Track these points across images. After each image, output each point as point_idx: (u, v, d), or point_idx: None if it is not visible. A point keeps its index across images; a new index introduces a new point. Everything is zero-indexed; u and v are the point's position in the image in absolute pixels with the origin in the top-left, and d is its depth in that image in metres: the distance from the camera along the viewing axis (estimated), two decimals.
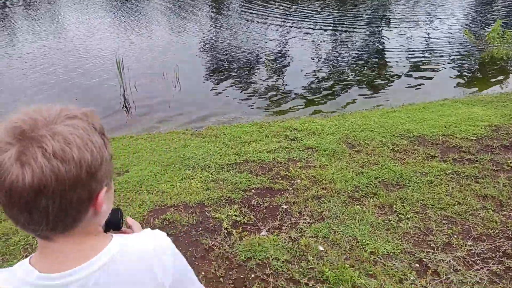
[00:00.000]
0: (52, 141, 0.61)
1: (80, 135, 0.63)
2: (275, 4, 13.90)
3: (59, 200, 0.62)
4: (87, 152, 0.63)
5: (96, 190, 0.67)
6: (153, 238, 0.79)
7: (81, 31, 10.60)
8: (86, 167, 0.63)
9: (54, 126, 0.62)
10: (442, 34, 9.57)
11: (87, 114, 0.68)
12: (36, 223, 0.64)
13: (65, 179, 0.61)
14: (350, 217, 2.86)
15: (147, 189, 3.34)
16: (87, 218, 0.69)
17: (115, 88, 6.49)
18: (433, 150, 3.85)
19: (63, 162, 0.61)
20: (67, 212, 0.65)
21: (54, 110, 0.65)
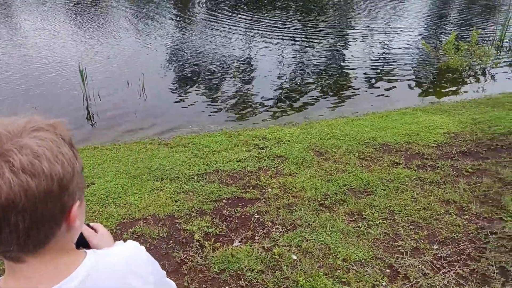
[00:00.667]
0: (20, 155, 0.58)
1: (49, 147, 0.61)
2: (239, 14, 14.00)
3: (30, 216, 0.59)
4: (57, 164, 0.61)
5: (69, 203, 0.65)
6: (127, 250, 0.78)
7: (41, 38, 10.18)
8: (57, 180, 0.61)
9: (20, 139, 0.60)
10: (402, 45, 9.98)
11: (54, 125, 0.65)
12: (5, 243, 0.60)
13: (36, 194, 0.58)
14: (322, 225, 2.90)
15: (114, 201, 3.23)
16: (60, 234, 0.66)
17: (77, 97, 6.27)
18: (398, 157, 3.98)
19: (32, 176, 0.58)
20: (39, 228, 0.61)
21: (18, 123, 0.62)
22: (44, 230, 0.63)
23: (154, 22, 12.36)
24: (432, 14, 15.02)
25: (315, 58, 8.94)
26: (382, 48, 9.73)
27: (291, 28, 11.93)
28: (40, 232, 0.62)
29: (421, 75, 7.89)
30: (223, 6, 15.60)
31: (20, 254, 0.63)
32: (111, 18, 12.85)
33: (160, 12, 13.96)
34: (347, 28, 12.37)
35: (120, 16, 13.16)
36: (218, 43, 9.90)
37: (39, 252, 0.65)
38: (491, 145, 4.16)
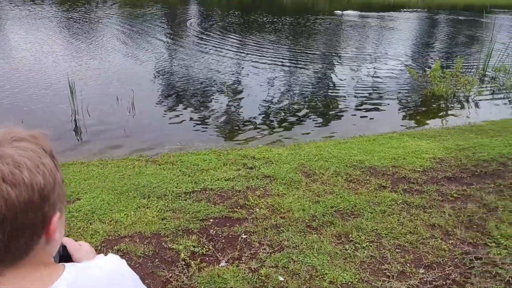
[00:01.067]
0: (0, 165, 0.58)
1: (30, 157, 0.61)
2: (230, 35, 14.21)
3: (10, 226, 0.59)
4: (38, 174, 0.61)
5: (49, 214, 0.64)
6: (108, 264, 0.76)
7: (32, 52, 10.15)
8: (38, 190, 0.61)
9: (0, 149, 0.59)
10: (389, 71, 10.23)
11: (35, 136, 0.65)
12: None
13: (16, 204, 0.58)
14: (309, 246, 2.89)
15: (99, 218, 3.18)
16: (39, 247, 0.66)
17: (66, 112, 6.22)
18: (384, 181, 4.03)
19: (12, 186, 0.58)
20: (19, 239, 0.61)
21: (2, 133, 0.62)
22: (23, 241, 0.62)
23: (145, 40, 12.46)
24: (419, 42, 15.48)
25: (303, 81, 9.08)
26: (370, 74, 9.95)
27: (281, 51, 12.13)
28: (19, 243, 0.62)
29: (408, 101, 8.07)
30: (214, 27, 15.84)
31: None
32: (103, 35, 12.91)
33: (151, 30, 14.09)
34: (336, 53, 12.65)
35: (112, 33, 13.24)
36: (209, 63, 10.00)
37: (17, 264, 0.64)
38: (476, 171, 4.25)
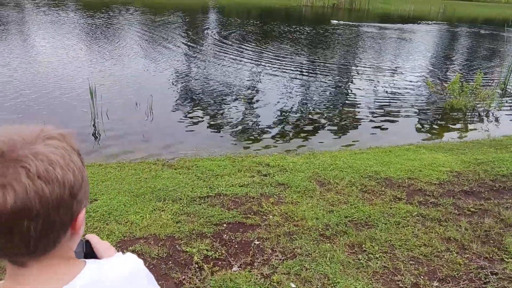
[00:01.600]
0: (36, 161, 0.60)
1: (61, 155, 0.63)
2: (248, 44, 14.35)
3: (42, 222, 0.61)
4: (69, 172, 0.63)
5: (77, 211, 0.67)
6: (126, 262, 0.79)
7: (53, 56, 10.45)
8: (69, 187, 0.63)
9: (35, 147, 0.61)
10: (406, 83, 10.16)
11: (64, 135, 0.67)
12: (15, 247, 0.62)
13: (49, 200, 0.60)
14: (322, 255, 2.89)
15: (115, 219, 3.24)
16: (64, 241, 0.68)
17: (86, 114, 6.38)
18: (400, 192, 3.99)
19: (47, 182, 0.60)
20: (49, 234, 0.63)
21: (32, 131, 0.64)
22: (52, 236, 0.65)
23: (165, 47, 12.68)
24: (438, 55, 15.35)
25: (320, 91, 9.09)
26: (387, 85, 9.90)
27: (298, 60, 12.19)
28: (49, 238, 0.64)
29: (425, 113, 7.99)
30: (232, 36, 16.02)
31: (26, 258, 0.65)
32: (124, 41, 13.20)
33: (171, 38, 14.34)
34: (354, 63, 12.64)
35: (132, 39, 13.52)
36: (226, 71, 10.12)
37: (43, 257, 0.66)
38: (494, 186, 4.18)
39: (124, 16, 19.43)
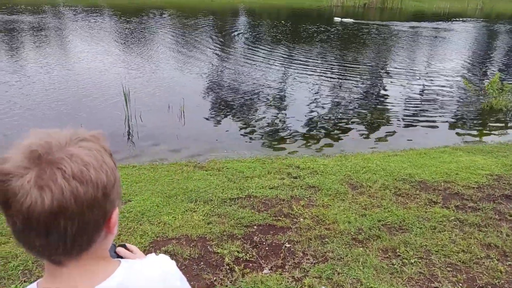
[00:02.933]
0: (71, 163, 0.62)
1: (94, 156, 0.65)
2: (278, 46, 14.34)
3: (77, 221, 0.63)
4: (102, 173, 0.65)
5: (110, 210, 0.69)
6: (159, 263, 0.81)
7: (89, 60, 10.83)
8: (102, 187, 0.65)
9: (69, 149, 0.64)
10: (442, 82, 9.84)
11: (96, 136, 0.69)
12: (52, 247, 0.64)
13: (84, 200, 0.62)
14: (354, 259, 2.84)
15: (149, 219, 3.31)
16: (100, 240, 0.70)
17: (120, 117, 6.56)
18: (435, 196, 3.86)
19: (81, 183, 0.62)
20: (84, 233, 0.65)
21: (65, 133, 0.67)
22: (87, 236, 0.67)
23: (196, 50, 12.87)
24: (476, 53, 14.78)
25: (351, 92, 8.95)
26: (422, 85, 9.62)
27: (328, 61, 12.06)
28: (84, 237, 0.66)
29: (462, 114, 7.71)
30: (262, 38, 16.06)
31: (63, 258, 0.67)
32: (156, 45, 13.51)
33: (202, 41, 14.53)
34: (386, 63, 12.37)
35: (165, 44, 13.81)
36: (256, 73, 10.14)
37: (80, 256, 0.68)
38: None
39: (157, 20, 19.88)
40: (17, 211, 0.60)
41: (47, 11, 21.91)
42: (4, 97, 7.50)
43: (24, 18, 18.55)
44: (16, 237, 0.65)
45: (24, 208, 0.60)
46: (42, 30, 15.68)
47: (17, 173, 0.61)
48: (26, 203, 0.60)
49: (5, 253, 2.74)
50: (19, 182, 0.60)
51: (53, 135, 0.65)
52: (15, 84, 8.32)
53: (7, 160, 0.62)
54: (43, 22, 17.66)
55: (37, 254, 0.66)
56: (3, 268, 2.60)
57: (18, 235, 0.64)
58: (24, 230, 0.62)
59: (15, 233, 0.64)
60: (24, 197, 0.59)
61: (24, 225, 0.61)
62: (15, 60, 10.67)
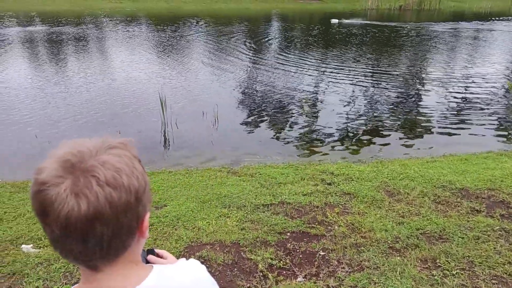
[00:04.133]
0: (104, 170, 0.64)
1: (125, 162, 0.67)
2: (311, 50, 14.25)
3: (112, 226, 0.65)
4: (133, 178, 0.67)
5: (142, 214, 0.71)
6: (191, 268, 0.82)
7: (127, 69, 11.21)
8: (134, 192, 0.66)
9: (101, 156, 0.66)
10: (483, 85, 9.43)
11: (125, 143, 0.71)
12: (90, 252, 0.66)
13: (118, 205, 0.64)
14: (391, 268, 2.75)
15: (184, 224, 3.35)
16: (133, 244, 0.72)
17: (157, 124, 6.73)
18: (478, 204, 3.69)
19: (115, 189, 0.64)
20: (119, 238, 0.67)
21: (95, 142, 0.69)
22: (122, 240, 0.69)
23: (229, 57, 13.02)
24: None
25: (387, 95, 8.74)
26: (463, 88, 9.26)
27: (363, 65, 11.86)
28: (119, 241, 0.68)
29: (506, 118, 7.34)
30: (295, 43, 16.03)
31: (99, 262, 0.69)
32: (191, 52, 13.79)
33: (236, 48, 14.69)
34: (423, 66, 12.00)
35: (199, 51, 14.07)
36: (289, 79, 10.12)
37: (114, 261, 0.70)
38: None
39: (192, 28, 20.31)
40: (55, 219, 0.63)
41: (88, 22, 22.89)
42: (49, 106, 7.88)
43: (67, 29, 19.46)
44: (54, 244, 0.67)
45: (62, 216, 0.62)
46: (84, 41, 16.40)
47: (53, 182, 0.63)
48: (64, 211, 0.62)
49: (48, 256, 2.86)
50: (56, 191, 0.62)
51: (84, 144, 0.68)
52: (59, 95, 8.73)
53: (43, 171, 0.64)
54: (84, 33, 18.46)
55: (74, 260, 0.69)
56: (46, 270, 2.71)
57: (56, 243, 0.67)
58: (62, 237, 0.64)
59: (53, 240, 0.66)
60: (61, 205, 0.62)
61: (62, 232, 0.64)
62: (59, 71, 11.21)
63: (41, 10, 29.41)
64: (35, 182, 0.64)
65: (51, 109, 7.61)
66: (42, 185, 0.63)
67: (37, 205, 0.64)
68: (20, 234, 3.22)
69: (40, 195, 0.63)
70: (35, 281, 2.61)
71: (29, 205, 3.75)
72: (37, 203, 0.64)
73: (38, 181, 0.64)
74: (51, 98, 8.34)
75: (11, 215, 3.56)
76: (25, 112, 7.46)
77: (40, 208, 0.64)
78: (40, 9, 29.54)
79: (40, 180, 0.64)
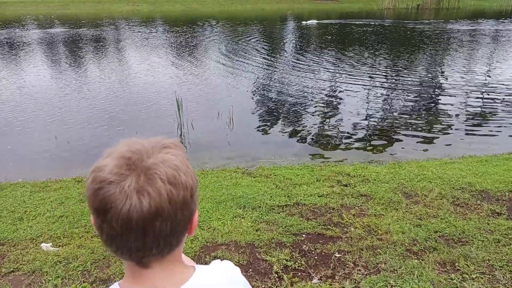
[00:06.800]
0: (164, 168, 0.66)
1: (181, 161, 0.69)
2: (326, 51, 14.17)
3: (171, 221, 0.67)
4: (189, 176, 0.69)
5: (194, 211, 0.73)
6: (228, 269, 0.84)
7: (144, 70, 11.35)
8: (190, 189, 0.69)
9: (159, 155, 0.68)
10: (504, 85, 9.20)
11: (176, 144, 0.73)
12: (147, 249, 0.68)
13: (177, 202, 0.66)
14: (408, 271, 2.70)
15: (199, 225, 3.37)
16: (183, 242, 0.74)
17: (173, 124, 6.79)
18: (499, 207, 3.60)
19: (174, 186, 0.66)
20: (174, 233, 0.69)
21: (151, 141, 0.71)
22: (177, 236, 0.70)
23: (244, 57, 13.05)
24: None
25: (403, 96, 8.62)
26: (482, 87, 9.06)
27: (379, 65, 11.72)
28: (174, 237, 0.70)
29: None
30: (310, 43, 15.95)
31: (152, 259, 0.70)
32: (206, 54, 13.87)
33: (250, 49, 14.71)
34: (441, 65, 11.80)
35: (214, 52, 14.14)
36: (303, 79, 10.08)
37: (165, 258, 0.72)
38: None
39: (207, 29, 20.44)
40: (116, 216, 0.64)
41: (106, 24, 23.27)
42: (67, 107, 8.04)
43: (86, 32, 19.82)
44: (110, 241, 0.68)
45: (124, 212, 0.63)
46: (102, 43, 16.67)
47: (115, 179, 0.64)
48: (126, 208, 0.63)
49: (67, 254, 2.91)
50: (118, 188, 0.63)
51: (141, 143, 0.70)
52: (76, 96, 8.89)
53: (103, 168, 0.66)
54: (102, 35, 18.77)
55: (128, 257, 0.70)
56: (65, 269, 2.76)
57: (113, 240, 0.67)
58: (122, 234, 0.65)
59: (110, 237, 0.67)
60: (123, 202, 0.63)
61: (122, 229, 0.65)
62: (77, 73, 11.43)
63: (60, 13, 30.04)
64: (95, 179, 0.65)
65: (69, 111, 7.76)
66: (103, 183, 0.64)
67: (98, 202, 0.65)
68: (40, 233, 3.29)
69: (101, 192, 0.64)
70: (54, 279, 2.66)
71: (49, 204, 3.84)
72: (97, 200, 0.65)
73: (99, 179, 0.65)
74: (69, 100, 8.50)
75: (31, 214, 3.64)
76: (44, 113, 7.63)
77: (101, 205, 0.65)
78: (59, 13, 30.18)
79: (102, 177, 0.65)
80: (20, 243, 3.14)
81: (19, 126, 6.96)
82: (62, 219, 3.52)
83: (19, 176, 4.86)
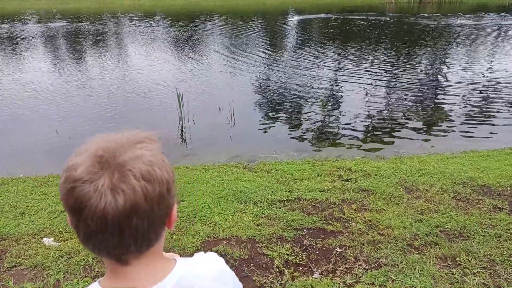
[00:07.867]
0: (138, 164, 0.64)
1: (156, 156, 0.68)
2: (327, 46, 14.11)
3: (148, 217, 0.66)
4: (164, 170, 0.68)
5: (172, 204, 0.72)
6: (213, 260, 0.83)
7: (145, 65, 11.32)
8: (166, 184, 0.67)
9: (133, 151, 0.66)
10: (506, 79, 9.16)
11: (151, 138, 0.72)
12: (124, 245, 0.67)
13: (153, 198, 0.65)
14: (409, 266, 2.70)
15: (200, 219, 3.38)
16: (162, 237, 0.73)
17: (174, 120, 6.78)
18: (501, 202, 3.59)
19: (149, 182, 0.64)
20: (152, 229, 0.68)
21: (124, 137, 0.69)
22: (155, 231, 0.69)
23: (246, 52, 13.00)
24: None
25: (406, 91, 8.59)
26: (484, 81, 9.02)
27: (381, 59, 11.67)
28: (152, 233, 0.69)
29: None
30: (312, 37, 15.87)
31: (131, 256, 0.69)
32: (207, 49, 13.82)
33: (251, 43, 14.66)
34: (443, 60, 11.74)
35: (215, 47, 14.10)
36: (305, 74, 10.05)
37: (143, 254, 0.70)
38: None
39: (209, 24, 20.36)
40: (91, 214, 0.63)
41: (107, 18, 23.19)
42: (68, 102, 8.03)
43: (87, 26, 19.77)
44: (87, 240, 0.67)
45: (99, 210, 0.62)
46: (103, 37, 16.62)
47: (89, 178, 0.63)
48: (101, 206, 0.62)
49: (68, 249, 2.92)
50: (92, 187, 0.62)
51: (113, 139, 0.68)
52: (77, 91, 8.88)
53: (76, 167, 0.64)
54: (103, 29, 18.72)
55: (106, 255, 0.69)
56: (67, 263, 2.78)
57: (89, 238, 0.66)
58: (98, 232, 0.65)
59: (86, 236, 0.66)
60: (98, 200, 0.62)
61: (98, 228, 0.64)
62: (78, 68, 11.42)
63: (61, 8, 29.95)
64: (68, 178, 0.64)
65: (70, 106, 7.76)
66: (77, 182, 0.63)
67: (72, 202, 0.64)
68: (42, 227, 3.31)
69: (75, 191, 0.63)
70: (56, 273, 2.68)
71: (50, 199, 3.85)
72: (71, 200, 0.64)
73: (73, 178, 0.64)
74: (70, 95, 8.50)
75: (33, 209, 3.66)
76: (46, 108, 7.63)
77: (75, 204, 0.64)
78: (60, 7, 30.09)
79: (75, 176, 0.64)
80: (22, 238, 3.16)
81: (21, 121, 6.97)
82: (64, 214, 3.53)
83: (21, 171, 4.87)
